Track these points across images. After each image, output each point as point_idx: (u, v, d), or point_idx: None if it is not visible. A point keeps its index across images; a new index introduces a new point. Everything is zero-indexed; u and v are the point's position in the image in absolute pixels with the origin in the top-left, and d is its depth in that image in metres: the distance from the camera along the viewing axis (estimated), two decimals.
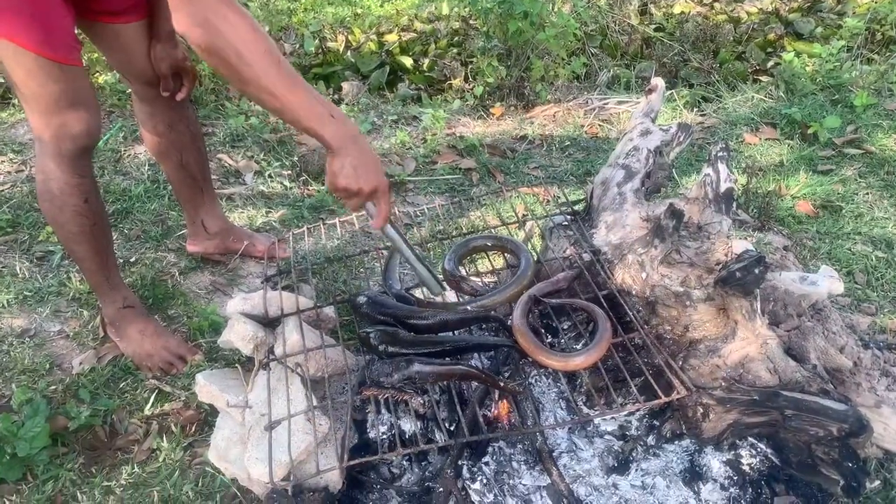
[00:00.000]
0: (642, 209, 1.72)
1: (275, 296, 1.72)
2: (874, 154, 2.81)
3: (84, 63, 1.70)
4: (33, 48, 1.55)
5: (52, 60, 1.57)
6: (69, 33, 1.62)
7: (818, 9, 5.15)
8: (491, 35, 3.45)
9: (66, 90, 1.62)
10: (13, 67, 1.58)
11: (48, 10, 1.57)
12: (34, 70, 1.58)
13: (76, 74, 1.65)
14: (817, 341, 1.50)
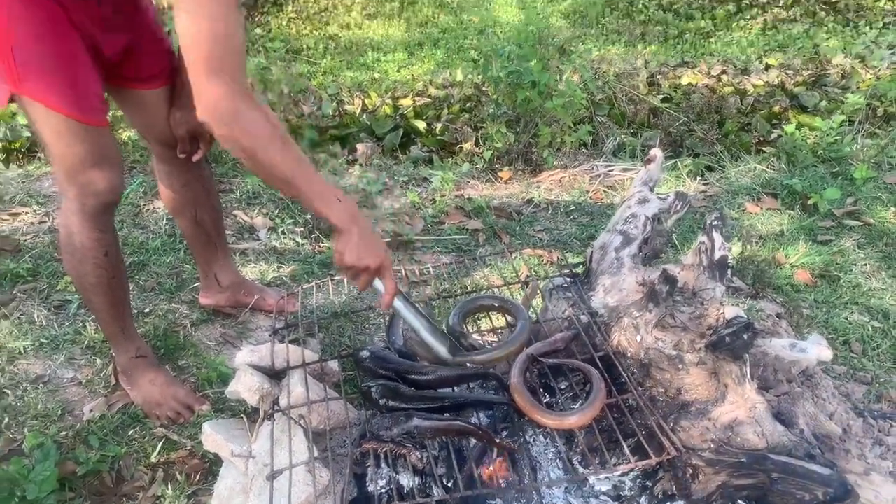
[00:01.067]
0: (639, 274, 1.78)
1: (281, 349, 1.78)
2: (873, 226, 2.87)
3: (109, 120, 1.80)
4: (63, 110, 1.64)
5: (79, 122, 1.67)
6: (97, 96, 1.72)
7: (823, 83, 5.28)
8: (500, 103, 3.58)
9: (91, 150, 1.71)
10: (43, 127, 1.68)
11: (79, 75, 1.67)
12: (62, 130, 1.67)
13: (102, 134, 1.74)
14: (806, 407, 1.54)
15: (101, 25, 1.71)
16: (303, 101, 4.77)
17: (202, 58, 1.32)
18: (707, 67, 5.72)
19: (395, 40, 7.32)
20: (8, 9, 1.56)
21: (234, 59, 1.34)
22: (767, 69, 5.69)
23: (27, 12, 1.58)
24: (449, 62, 6.52)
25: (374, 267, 1.45)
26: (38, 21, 1.59)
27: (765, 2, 7.98)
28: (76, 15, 1.64)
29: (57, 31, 1.62)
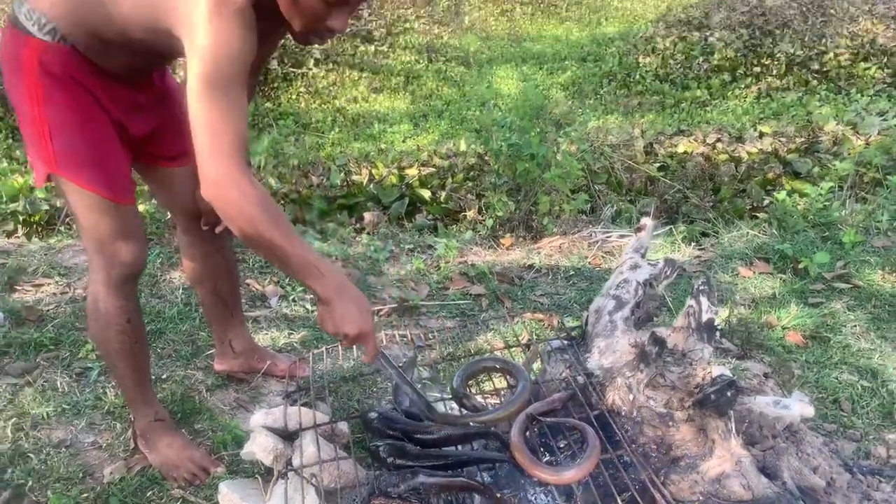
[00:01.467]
0: (631, 336, 1.88)
1: (294, 411, 1.88)
2: (862, 288, 2.98)
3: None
4: (95, 189, 1.77)
5: (109, 200, 1.80)
6: (126, 176, 1.86)
7: (815, 149, 5.45)
8: (501, 173, 3.74)
9: (119, 225, 1.85)
10: (76, 203, 1.82)
11: (109, 156, 1.81)
12: (93, 207, 1.80)
13: (129, 211, 1.88)
14: (791, 461, 1.63)
15: (131, 109, 1.86)
16: (312, 173, 4.96)
17: (205, 140, 1.49)
18: (702, 135, 5.91)
19: (400, 112, 7.59)
20: (46, 95, 1.71)
21: (234, 140, 1.49)
22: (761, 137, 5.88)
23: (63, 99, 1.72)
24: (453, 133, 6.76)
25: (352, 336, 1.58)
26: (72, 107, 1.73)
27: (759, 71, 8.26)
28: (107, 101, 1.79)
29: (90, 116, 1.76)
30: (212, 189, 1.49)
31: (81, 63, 1.71)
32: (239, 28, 1.50)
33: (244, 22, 1.50)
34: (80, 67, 1.71)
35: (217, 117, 1.49)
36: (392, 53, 9.02)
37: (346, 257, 3.33)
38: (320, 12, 1.56)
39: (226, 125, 1.50)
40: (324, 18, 1.57)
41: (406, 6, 10.87)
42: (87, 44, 1.69)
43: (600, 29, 10.56)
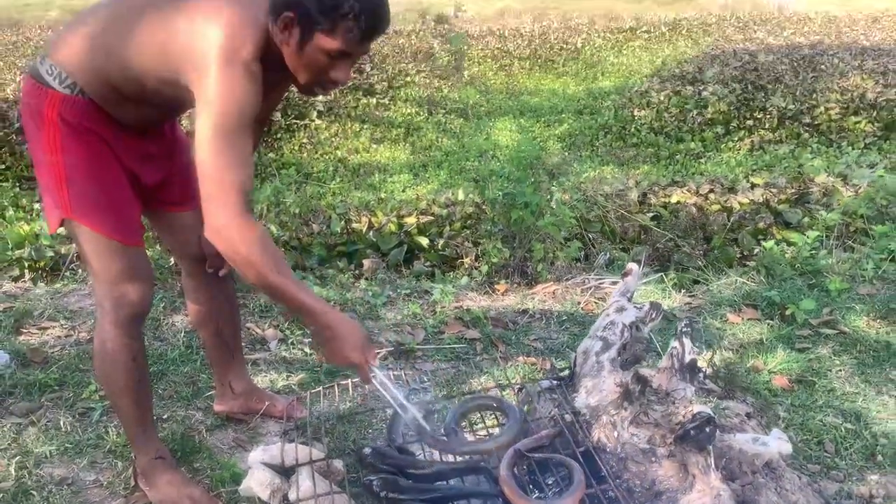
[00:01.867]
0: (617, 376, 1.96)
1: (291, 448, 1.95)
2: (848, 334, 3.05)
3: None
4: (106, 233, 1.87)
5: (119, 242, 1.90)
6: (136, 220, 1.97)
7: (806, 200, 5.57)
8: (496, 221, 3.85)
9: (127, 266, 1.94)
10: (86, 246, 1.91)
11: (121, 202, 1.91)
12: (103, 250, 1.90)
13: (138, 253, 1.98)
14: (770, 496, 1.68)
15: (143, 159, 1.97)
16: (312, 220, 5.08)
17: (212, 187, 1.62)
18: (696, 186, 6.04)
19: (400, 163, 7.75)
20: (63, 144, 1.82)
21: (238, 188, 1.63)
22: (753, 188, 5.99)
23: (79, 148, 1.83)
24: (451, 183, 6.90)
25: (345, 366, 1.75)
26: (88, 155, 1.84)
27: (751, 124, 8.45)
28: (121, 150, 1.90)
29: (103, 164, 1.87)
30: (217, 234, 1.63)
31: (97, 115, 1.83)
32: (246, 80, 1.63)
33: (251, 75, 1.64)
34: (97, 119, 1.83)
35: (223, 166, 1.62)
36: (393, 106, 9.25)
37: (345, 302, 3.41)
38: (323, 64, 1.69)
39: (231, 174, 1.62)
40: (327, 70, 1.71)
41: (407, 61, 11.16)
42: (104, 96, 1.81)
43: (596, 83, 10.82)
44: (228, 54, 1.62)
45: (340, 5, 1.60)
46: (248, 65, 1.64)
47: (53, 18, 16.60)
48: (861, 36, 12.33)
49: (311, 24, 1.63)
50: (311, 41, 1.66)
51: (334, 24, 1.62)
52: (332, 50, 1.66)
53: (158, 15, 1.73)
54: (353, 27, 1.63)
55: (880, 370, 2.81)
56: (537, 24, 15.07)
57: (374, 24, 1.67)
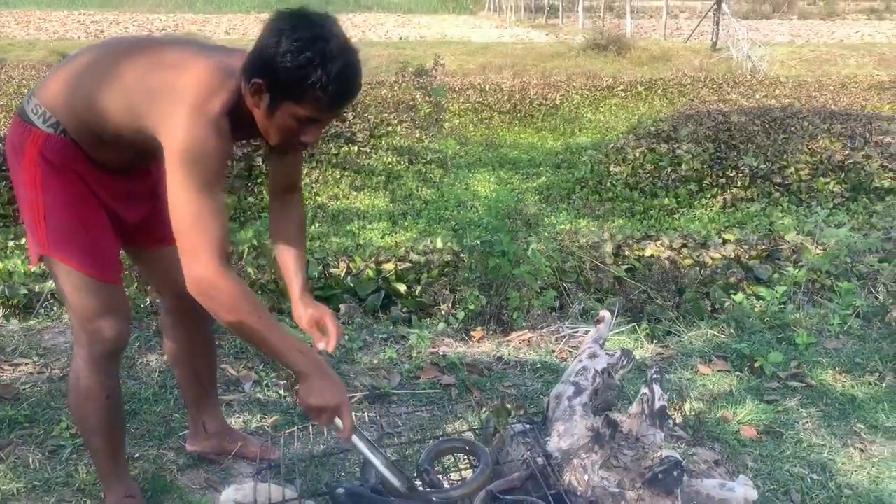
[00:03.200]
0: (589, 420, 2.00)
1: (263, 487, 1.95)
2: (814, 387, 3.12)
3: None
4: (83, 270, 1.90)
5: (95, 279, 1.92)
6: (115, 257, 1.99)
7: (776, 257, 5.71)
8: (474, 268, 3.90)
9: (103, 303, 1.95)
10: (64, 282, 1.93)
11: (99, 240, 1.94)
12: (80, 286, 1.92)
13: (115, 290, 2.00)
14: None
15: (125, 198, 2.01)
16: None
17: (186, 241, 1.68)
18: (669, 241, 6.16)
19: (379, 210, 7.81)
20: (43, 182, 1.86)
21: (212, 241, 1.67)
22: (725, 243, 6.12)
23: (59, 186, 1.87)
24: (430, 231, 6.96)
25: (333, 407, 1.71)
26: (67, 193, 1.88)
27: (724, 182, 8.64)
28: (101, 190, 1.94)
29: (83, 203, 1.91)
30: (195, 286, 1.68)
31: (78, 155, 1.87)
32: (212, 135, 1.67)
33: (217, 129, 1.68)
34: (77, 159, 1.87)
35: (196, 220, 1.67)
36: (374, 154, 9.35)
37: None
38: (293, 128, 1.73)
39: (205, 226, 1.67)
40: (297, 133, 1.75)
41: (389, 111, 11.33)
42: (84, 139, 1.85)
43: (574, 138, 11.04)
44: (194, 109, 1.66)
45: (308, 75, 1.62)
46: (215, 120, 1.68)
47: (37, 59, 16.68)
48: (830, 101, 12.74)
49: (279, 92, 1.67)
50: (280, 108, 1.69)
51: (302, 93, 1.65)
52: (301, 117, 1.70)
53: (133, 66, 1.79)
54: (321, 96, 1.66)
55: (846, 423, 2.87)
56: (517, 80, 15.40)
57: (342, 93, 1.69)
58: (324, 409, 1.71)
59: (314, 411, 1.72)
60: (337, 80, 1.64)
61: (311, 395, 1.70)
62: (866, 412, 2.94)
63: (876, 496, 2.42)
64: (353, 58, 1.67)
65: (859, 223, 6.75)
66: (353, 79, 1.69)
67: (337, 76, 1.63)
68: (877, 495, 2.42)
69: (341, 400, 1.72)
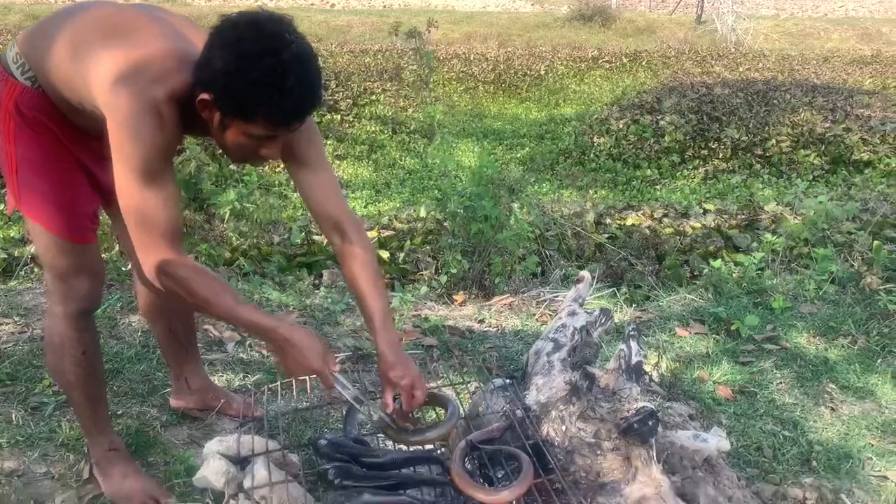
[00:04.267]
0: (567, 375, 2.03)
1: (247, 439, 1.98)
2: (789, 350, 3.18)
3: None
4: (54, 230, 1.86)
5: (67, 240, 1.89)
6: (89, 218, 1.94)
7: (755, 226, 5.78)
8: (456, 234, 3.93)
9: (76, 262, 1.93)
10: (38, 241, 1.91)
11: (72, 198, 1.89)
12: (51, 245, 1.89)
13: (88, 250, 1.96)
14: (708, 490, 1.77)
15: (97, 160, 1.95)
16: (273, 231, 5.10)
17: (137, 233, 1.65)
18: (650, 211, 6.22)
19: (363, 180, 7.80)
20: (17, 133, 1.80)
21: (161, 229, 1.64)
22: (705, 213, 6.20)
23: (31, 140, 1.81)
24: (413, 201, 6.97)
25: (314, 370, 1.72)
26: (40, 148, 1.82)
27: (706, 154, 8.70)
28: (77, 149, 1.89)
29: (56, 159, 1.85)
30: (153, 277, 1.67)
31: (54, 111, 1.81)
32: (153, 122, 1.58)
33: (159, 117, 1.59)
34: (52, 115, 1.81)
35: (143, 212, 1.63)
36: (357, 123, 9.32)
37: (304, 307, 3.45)
38: (250, 146, 1.64)
39: (152, 219, 1.63)
40: (255, 149, 1.65)
41: (373, 79, 11.26)
42: (57, 100, 1.80)
43: (558, 110, 11.04)
44: (135, 93, 1.57)
45: (258, 94, 1.50)
46: (156, 106, 1.58)
47: (13, 22, 16.35)
48: (812, 74, 12.80)
49: (228, 111, 1.56)
50: (231, 126, 1.59)
51: (253, 113, 1.54)
52: (255, 135, 1.60)
53: (97, 42, 1.69)
54: (274, 116, 1.55)
55: (818, 383, 2.93)
56: (502, 50, 15.32)
57: (297, 111, 1.56)
58: (308, 373, 1.73)
59: (299, 377, 1.74)
60: (290, 98, 1.51)
61: (292, 365, 1.70)
62: (838, 373, 3.01)
63: (845, 452, 2.49)
64: (308, 69, 1.54)
65: (838, 195, 6.83)
66: (310, 94, 1.56)
67: (290, 93, 1.50)
68: (846, 451, 2.49)
69: (315, 368, 1.71)
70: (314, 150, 1.89)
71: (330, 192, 1.91)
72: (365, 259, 1.91)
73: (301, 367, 1.71)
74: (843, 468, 2.41)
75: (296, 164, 1.87)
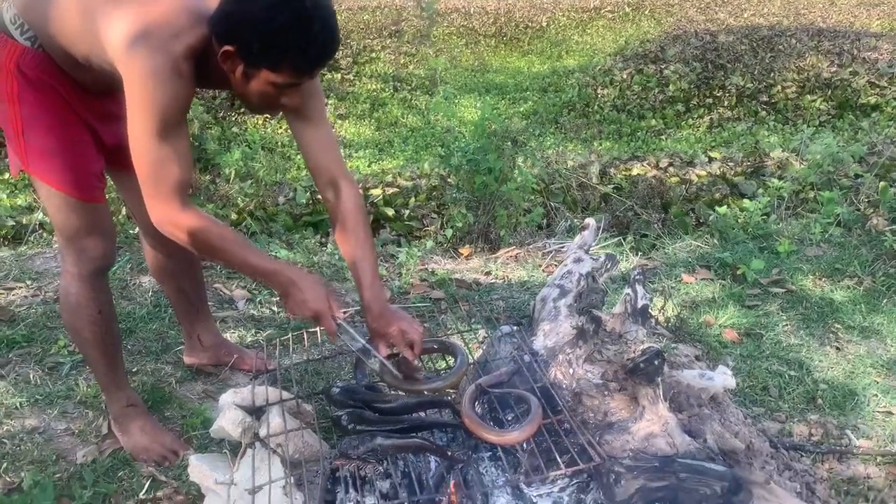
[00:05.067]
0: (573, 320, 2.06)
1: (261, 390, 2.02)
2: (795, 292, 3.20)
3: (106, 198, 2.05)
4: (64, 189, 1.88)
5: (77, 199, 1.90)
6: (96, 177, 1.95)
7: (761, 173, 5.75)
8: (461, 187, 3.93)
9: (86, 222, 1.95)
10: (46, 201, 1.93)
11: (79, 157, 1.90)
12: (62, 206, 1.91)
13: (98, 209, 1.98)
14: (714, 426, 1.80)
15: (104, 118, 1.95)
16: (279, 192, 5.10)
17: (148, 186, 1.69)
18: (655, 160, 6.19)
19: (365, 138, 7.77)
20: (20, 94, 1.81)
21: (172, 183, 1.68)
22: (711, 161, 6.16)
23: (35, 100, 1.82)
24: (417, 158, 6.95)
25: (311, 317, 1.80)
26: (45, 108, 1.83)
27: (711, 102, 8.61)
28: (81, 107, 1.89)
29: (61, 119, 1.86)
30: (161, 228, 1.72)
31: (55, 70, 1.82)
32: (169, 78, 1.60)
33: (176, 72, 1.61)
34: (55, 74, 1.82)
35: (156, 165, 1.66)
36: (358, 81, 9.24)
37: (312, 264, 3.47)
38: (272, 94, 1.66)
39: (165, 172, 1.67)
40: (277, 98, 1.68)
41: (372, 37, 11.13)
42: (60, 56, 1.80)
43: (561, 62, 10.90)
44: (155, 48, 1.58)
45: (285, 42, 1.53)
46: (176, 61, 1.60)
47: None
48: (818, 18, 12.58)
49: (253, 60, 1.58)
50: (256, 76, 1.62)
51: (279, 61, 1.57)
52: (281, 83, 1.62)
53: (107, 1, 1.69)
54: (300, 62, 1.59)
55: (823, 324, 2.96)
56: (502, 2, 15.09)
57: (322, 56, 1.60)
58: (313, 316, 1.80)
59: (306, 320, 1.79)
60: (316, 44, 1.55)
61: (297, 307, 1.78)
62: (844, 314, 3.03)
63: (850, 389, 2.52)
64: (329, 14, 1.57)
65: (845, 140, 6.77)
66: (333, 38, 1.60)
67: (315, 39, 1.54)
68: (851, 388, 2.53)
69: (318, 309, 1.79)
70: (317, 105, 1.91)
71: (328, 147, 1.95)
72: (356, 218, 1.95)
73: (305, 308, 1.78)
74: (848, 405, 2.45)
75: (298, 118, 1.89)
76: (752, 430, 1.95)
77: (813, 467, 2.11)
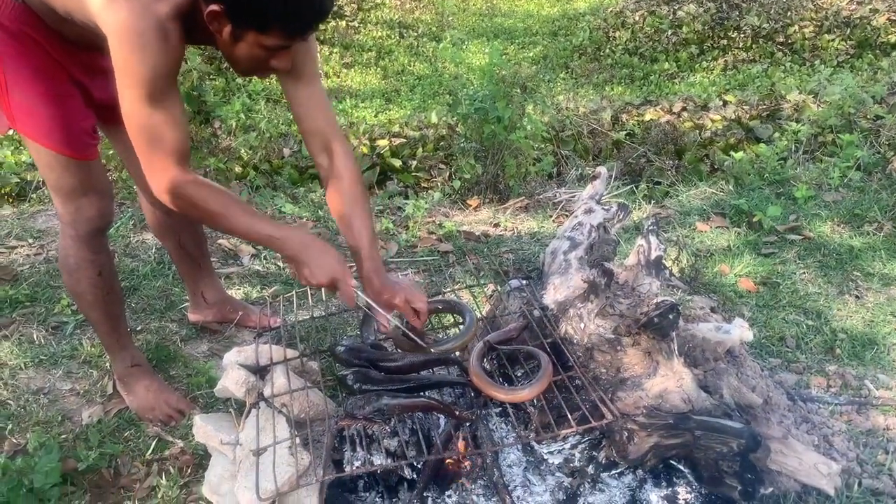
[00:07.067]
0: (584, 273, 1.99)
1: (265, 349, 1.97)
2: (812, 239, 3.12)
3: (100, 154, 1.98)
4: (53, 147, 1.80)
5: (69, 157, 1.83)
6: (87, 133, 1.87)
7: (777, 117, 5.60)
8: (469, 137, 3.83)
9: (81, 181, 1.88)
10: (39, 161, 1.85)
11: (68, 113, 1.82)
12: (54, 164, 1.84)
13: (91, 167, 1.90)
14: (730, 381, 1.74)
15: (94, 73, 1.85)
16: (283, 145, 5.01)
17: (144, 153, 1.59)
18: (669, 105, 6.04)
19: (372, 88, 7.62)
20: (3, 51, 1.72)
21: (168, 150, 1.58)
22: (725, 105, 6.00)
23: (19, 56, 1.73)
24: (424, 108, 6.81)
25: (326, 284, 1.68)
26: (29, 65, 1.75)
27: (725, 44, 8.38)
28: (68, 63, 1.80)
29: (47, 75, 1.77)
30: (162, 196, 1.62)
31: (38, 23, 1.72)
32: (158, 39, 1.50)
33: (164, 34, 1.51)
34: (39, 29, 1.73)
35: (150, 132, 1.56)
36: (363, 29, 9.04)
37: (317, 218, 3.41)
38: (261, 57, 1.57)
39: (163, 136, 1.57)
40: (266, 61, 1.59)
41: None
42: (42, 11, 1.70)
43: (571, 4, 10.62)
44: (138, 10, 1.49)
45: (274, 3, 1.46)
46: (161, 22, 1.50)
47: None
48: None
49: (242, 21, 1.50)
50: (244, 37, 1.52)
51: (268, 21, 1.49)
52: (270, 46, 1.54)
53: None
54: (290, 23, 1.50)
55: (842, 272, 2.88)
56: None
57: (313, 18, 1.53)
58: (317, 286, 1.70)
59: (317, 286, 1.70)
60: (307, 5, 1.48)
61: (310, 276, 1.67)
62: (863, 261, 2.95)
63: (869, 338, 2.46)
64: None
65: (864, 80, 6.57)
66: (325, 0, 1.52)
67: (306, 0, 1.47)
68: (870, 337, 2.46)
69: (332, 276, 1.67)
70: (309, 64, 1.80)
71: (321, 107, 1.84)
72: (352, 180, 1.83)
73: (320, 276, 1.67)
74: (867, 355, 2.39)
75: (290, 77, 1.78)
76: (770, 383, 1.90)
77: (831, 419, 2.06)
